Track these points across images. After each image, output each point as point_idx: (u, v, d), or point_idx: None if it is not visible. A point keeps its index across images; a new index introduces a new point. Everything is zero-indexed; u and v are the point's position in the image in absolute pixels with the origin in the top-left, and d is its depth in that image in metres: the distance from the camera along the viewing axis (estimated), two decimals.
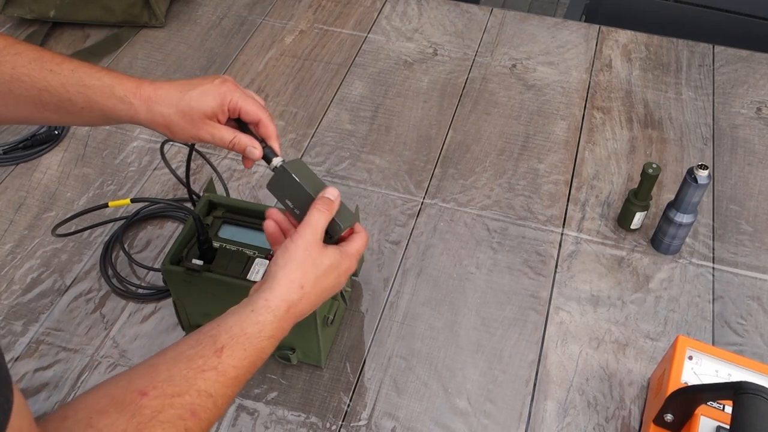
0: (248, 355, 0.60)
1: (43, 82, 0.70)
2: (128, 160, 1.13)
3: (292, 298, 0.64)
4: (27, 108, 0.71)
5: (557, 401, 0.86)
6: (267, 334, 0.62)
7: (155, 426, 0.52)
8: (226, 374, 0.58)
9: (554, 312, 0.95)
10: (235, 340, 0.59)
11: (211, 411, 0.56)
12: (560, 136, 1.18)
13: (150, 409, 0.53)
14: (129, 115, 0.72)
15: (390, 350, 0.91)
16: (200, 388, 0.56)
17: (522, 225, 1.05)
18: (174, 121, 0.72)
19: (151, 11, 1.35)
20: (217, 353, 0.58)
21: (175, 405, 0.54)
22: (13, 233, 1.03)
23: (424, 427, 0.84)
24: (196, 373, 0.56)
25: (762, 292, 0.98)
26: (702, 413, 0.75)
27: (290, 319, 0.65)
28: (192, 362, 0.57)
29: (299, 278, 0.65)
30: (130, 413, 0.52)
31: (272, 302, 0.63)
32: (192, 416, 0.54)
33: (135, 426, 0.51)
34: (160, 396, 0.54)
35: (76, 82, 0.70)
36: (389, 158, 1.14)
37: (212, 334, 0.59)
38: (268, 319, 0.62)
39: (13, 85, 0.69)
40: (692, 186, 0.92)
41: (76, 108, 0.71)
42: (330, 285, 0.68)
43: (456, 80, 1.27)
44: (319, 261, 0.67)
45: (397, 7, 1.42)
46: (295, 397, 0.86)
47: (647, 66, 1.30)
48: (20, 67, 0.69)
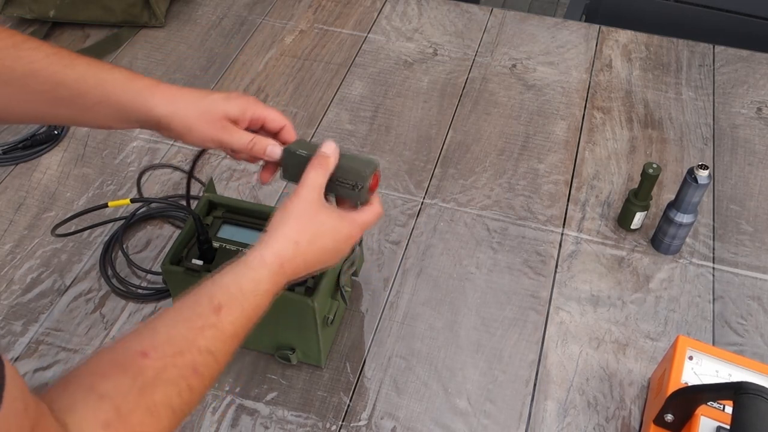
0: (246, 312, 0.60)
1: (59, 75, 0.69)
2: (128, 160, 1.13)
3: (287, 254, 0.64)
4: (41, 104, 0.70)
5: (557, 401, 0.86)
6: (263, 290, 0.62)
7: (158, 385, 0.53)
8: (225, 331, 0.58)
9: (554, 312, 0.95)
10: (232, 298, 0.60)
11: (213, 367, 0.57)
12: (560, 136, 1.18)
13: (152, 370, 0.53)
14: (145, 110, 0.70)
15: (390, 350, 0.91)
16: (200, 346, 0.56)
17: (522, 225, 1.04)
18: (193, 121, 0.71)
19: (151, 11, 1.35)
20: (215, 311, 0.58)
21: (177, 364, 0.55)
22: (12, 233, 1.03)
23: (424, 427, 0.84)
24: (196, 332, 0.57)
25: (762, 292, 0.97)
26: (702, 413, 0.75)
27: (285, 275, 0.65)
28: (191, 322, 0.57)
29: (294, 234, 0.65)
30: (133, 375, 0.52)
31: (267, 258, 0.63)
32: (194, 374, 0.55)
33: (139, 387, 0.52)
34: (162, 356, 0.54)
35: (92, 75, 0.70)
36: (389, 158, 1.14)
37: (209, 293, 0.60)
38: (264, 274, 0.62)
39: (30, 79, 0.68)
40: (692, 186, 0.92)
41: (92, 104, 0.69)
42: (329, 247, 0.67)
43: (456, 80, 1.27)
44: (316, 219, 0.67)
45: (397, 7, 1.42)
46: (295, 397, 0.86)
47: (647, 66, 1.30)
48: (38, 61, 0.68)
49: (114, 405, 0.50)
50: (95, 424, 0.49)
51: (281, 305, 0.80)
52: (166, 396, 0.53)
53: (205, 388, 0.57)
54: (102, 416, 0.49)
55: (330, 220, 0.68)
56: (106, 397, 0.50)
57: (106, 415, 0.50)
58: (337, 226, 0.68)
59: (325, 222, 0.67)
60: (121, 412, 0.50)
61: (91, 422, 0.49)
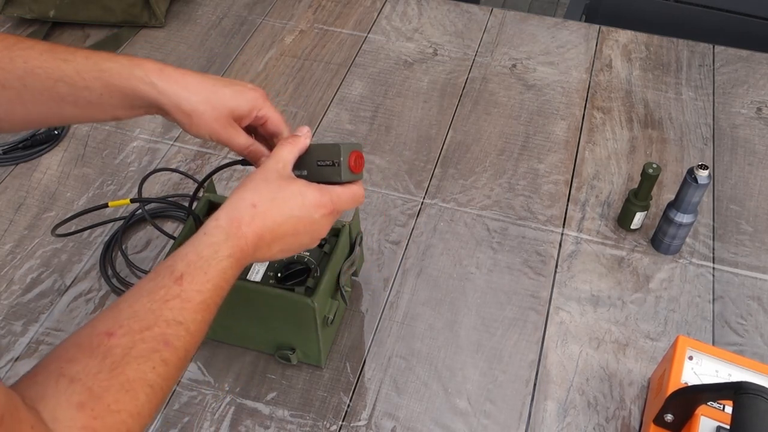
0: (210, 278, 0.58)
1: (57, 72, 0.67)
2: (128, 160, 1.13)
3: (243, 217, 0.62)
4: (44, 104, 0.68)
5: (557, 401, 0.86)
6: (225, 254, 0.60)
7: (129, 362, 0.52)
8: (191, 300, 0.57)
9: (554, 312, 0.95)
10: (192, 266, 0.58)
11: (185, 338, 0.56)
12: (560, 136, 1.18)
13: (120, 348, 0.52)
14: (152, 97, 0.68)
15: (390, 350, 0.91)
16: (168, 318, 0.55)
17: (522, 225, 1.05)
18: (200, 111, 0.69)
19: (151, 11, 1.35)
20: (177, 282, 0.57)
21: (146, 339, 0.53)
22: (13, 233, 1.03)
23: (424, 427, 0.84)
24: (160, 304, 0.55)
25: (762, 292, 0.97)
26: (702, 413, 0.75)
27: (246, 238, 0.62)
28: (153, 295, 0.56)
29: (250, 197, 0.63)
30: (101, 355, 0.51)
31: (222, 221, 0.62)
32: (166, 346, 0.54)
33: (108, 366, 0.51)
34: (128, 333, 0.53)
35: (92, 67, 0.68)
36: (389, 158, 1.14)
37: (168, 264, 0.58)
38: (221, 238, 0.61)
39: (28, 79, 0.66)
40: (692, 186, 0.92)
41: (95, 95, 0.68)
42: (295, 214, 0.65)
43: (456, 80, 1.27)
44: (277, 183, 0.65)
45: (397, 7, 1.42)
46: (295, 397, 0.86)
47: (647, 66, 1.30)
48: (32, 60, 0.67)
49: (86, 386, 0.49)
50: (69, 406, 0.48)
51: (281, 305, 0.81)
52: (140, 371, 0.52)
53: (181, 360, 0.56)
54: (75, 398, 0.49)
55: (294, 186, 0.66)
56: (76, 380, 0.49)
57: (79, 396, 0.49)
58: (302, 191, 0.66)
59: (287, 188, 0.66)
60: (94, 392, 0.49)
61: (65, 406, 0.48)
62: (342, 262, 0.86)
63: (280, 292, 0.80)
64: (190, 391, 0.87)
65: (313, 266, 0.83)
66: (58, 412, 0.48)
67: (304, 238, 0.67)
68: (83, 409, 0.48)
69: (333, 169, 0.70)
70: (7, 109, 0.68)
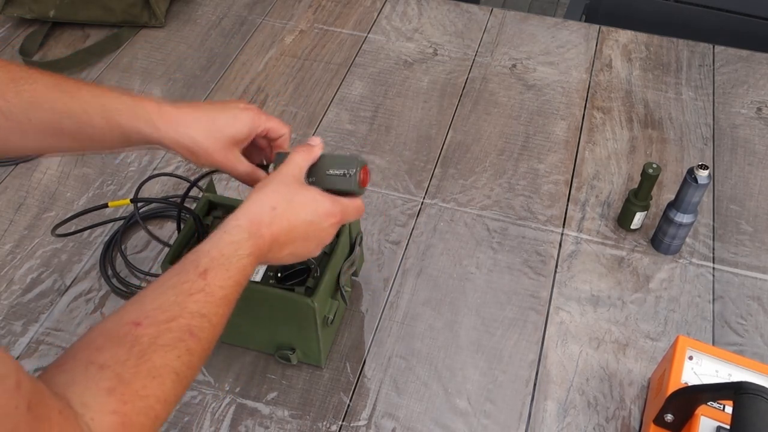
0: (232, 275, 0.61)
1: (63, 107, 0.68)
2: (128, 160, 1.13)
3: (263, 218, 0.65)
4: (44, 137, 0.69)
5: (557, 401, 0.86)
6: (245, 252, 0.63)
7: (156, 350, 0.53)
8: (214, 294, 0.59)
9: (554, 312, 0.95)
10: (215, 262, 0.61)
11: (208, 330, 0.58)
12: (560, 136, 1.18)
13: (147, 337, 0.54)
14: (153, 138, 0.71)
15: (390, 350, 0.91)
16: (192, 310, 0.57)
17: (522, 225, 1.05)
18: (202, 147, 0.72)
19: (151, 11, 1.35)
20: (201, 276, 0.59)
21: (172, 329, 0.55)
22: (13, 233, 1.03)
23: (424, 427, 0.84)
24: (185, 297, 0.57)
25: (762, 292, 0.97)
26: (702, 413, 0.75)
27: (264, 239, 0.65)
28: (178, 288, 0.58)
29: (270, 200, 0.66)
30: (129, 344, 0.53)
31: (242, 221, 0.64)
32: (190, 336, 0.56)
33: (136, 354, 0.52)
34: (154, 323, 0.55)
35: (97, 105, 0.70)
36: (389, 158, 1.14)
37: (192, 260, 0.61)
38: (243, 237, 0.63)
39: (33, 113, 0.68)
40: (692, 186, 0.92)
41: (97, 132, 0.70)
42: (308, 220, 0.68)
43: (456, 80, 1.27)
44: (294, 188, 0.68)
45: (397, 7, 1.42)
46: (295, 397, 0.86)
47: (647, 66, 1.30)
48: (40, 95, 0.68)
49: (115, 372, 0.51)
50: (98, 392, 0.49)
51: (281, 305, 0.81)
52: (166, 359, 0.54)
53: (204, 351, 0.58)
54: (104, 384, 0.50)
55: (309, 193, 0.69)
56: (105, 367, 0.51)
57: (109, 382, 0.50)
58: (317, 198, 0.69)
59: (303, 194, 0.69)
60: (123, 378, 0.51)
61: (94, 391, 0.49)
62: (342, 262, 0.86)
63: (280, 292, 0.80)
64: (190, 391, 0.87)
65: (313, 266, 0.83)
66: (87, 397, 0.49)
67: (312, 245, 0.70)
68: (113, 394, 0.50)
69: (344, 179, 0.72)
70: (3, 138, 0.69)
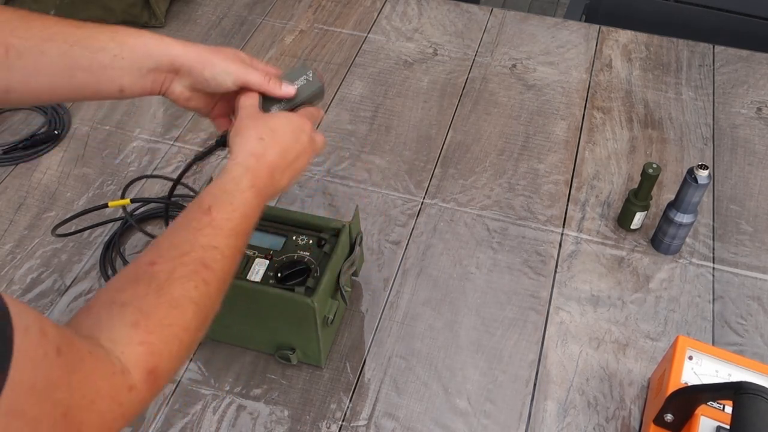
0: (236, 207, 0.64)
1: (73, 36, 0.69)
2: (128, 160, 1.13)
3: (256, 149, 0.68)
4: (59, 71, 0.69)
5: (557, 401, 0.86)
6: (246, 185, 0.66)
7: (173, 283, 0.56)
8: (222, 227, 0.62)
9: (554, 312, 0.95)
10: (218, 199, 0.63)
11: (221, 261, 0.60)
12: (560, 136, 1.18)
13: (164, 272, 0.56)
14: (162, 51, 0.71)
15: (390, 350, 0.91)
16: (203, 244, 0.60)
17: (522, 225, 1.05)
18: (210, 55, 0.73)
19: (151, 11, 1.35)
20: (206, 213, 0.62)
21: (186, 262, 0.58)
22: (13, 233, 1.03)
23: (424, 427, 0.84)
24: (195, 233, 0.60)
25: (762, 292, 0.97)
26: (702, 413, 0.75)
27: (265, 169, 0.68)
28: (187, 226, 0.61)
29: (254, 133, 0.69)
30: (147, 281, 0.56)
31: (238, 157, 0.67)
32: (204, 268, 0.58)
33: (155, 289, 0.55)
34: (169, 260, 0.58)
35: (107, 31, 0.71)
36: (389, 158, 1.14)
37: (197, 201, 0.64)
38: (240, 172, 0.66)
39: (45, 46, 0.68)
40: (692, 186, 0.92)
41: (109, 57, 0.70)
42: (290, 138, 0.71)
43: (456, 80, 1.27)
44: (266, 117, 0.71)
45: (397, 7, 1.42)
46: (295, 397, 0.86)
47: (647, 66, 1.30)
48: (49, 27, 0.69)
49: (136, 307, 0.53)
50: (123, 326, 0.52)
51: (281, 305, 0.81)
52: (184, 290, 0.56)
53: (220, 282, 0.60)
54: (128, 318, 0.52)
55: (280, 115, 0.72)
56: (127, 304, 0.54)
57: (132, 316, 0.53)
58: (288, 117, 0.72)
59: (276, 118, 0.72)
60: (144, 311, 0.53)
61: (119, 327, 0.52)
62: (342, 262, 0.86)
63: (280, 292, 0.80)
64: (190, 391, 0.87)
65: (313, 266, 0.83)
66: (114, 333, 0.51)
67: (303, 160, 0.73)
68: (138, 327, 0.52)
69: (311, 83, 0.77)
70: (20, 78, 0.69)
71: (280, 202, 1.07)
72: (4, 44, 0.66)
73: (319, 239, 0.86)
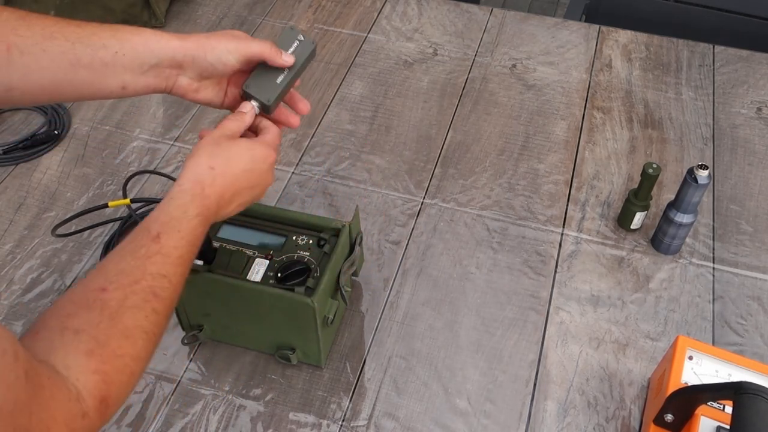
0: (184, 236, 0.64)
1: (74, 35, 0.70)
2: (128, 160, 1.13)
3: (204, 179, 0.67)
4: (60, 68, 0.70)
5: (557, 401, 0.86)
6: (193, 213, 0.65)
7: (125, 312, 0.56)
8: (170, 255, 0.62)
9: (554, 312, 0.95)
10: (166, 226, 0.63)
11: (169, 289, 0.61)
12: (560, 136, 1.18)
13: (115, 300, 0.56)
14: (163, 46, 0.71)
15: (390, 350, 0.91)
16: (153, 272, 0.60)
17: (522, 225, 1.05)
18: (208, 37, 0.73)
19: (151, 11, 1.35)
20: (155, 240, 0.62)
21: (137, 291, 0.58)
22: (13, 233, 1.03)
23: (424, 427, 0.84)
24: (144, 260, 0.60)
25: (762, 292, 0.97)
26: (702, 413, 0.75)
27: (210, 198, 0.67)
28: (135, 253, 0.61)
29: (206, 161, 0.68)
30: (99, 308, 0.55)
31: (185, 185, 0.67)
32: (155, 297, 0.59)
33: (108, 317, 0.55)
34: (119, 287, 0.57)
35: (107, 29, 0.71)
36: (389, 158, 1.14)
37: (144, 227, 0.63)
38: (187, 200, 0.66)
39: (47, 43, 0.68)
40: (692, 186, 0.92)
41: (110, 54, 0.70)
42: (248, 168, 0.70)
43: (456, 80, 1.27)
44: (225, 145, 0.70)
45: (397, 7, 1.42)
46: (295, 397, 0.86)
47: (647, 66, 1.30)
48: (51, 26, 0.69)
49: (91, 335, 0.54)
50: (78, 354, 0.52)
51: (281, 305, 0.81)
52: (136, 319, 0.57)
53: (168, 309, 0.61)
54: (83, 346, 0.53)
55: (242, 143, 0.71)
56: (80, 331, 0.54)
57: (87, 345, 0.53)
58: (250, 146, 0.72)
59: (236, 147, 0.71)
60: (99, 340, 0.54)
61: (74, 354, 0.52)
62: (342, 262, 0.86)
63: (280, 292, 0.80)
64: (190, 391, 0.87)
65: (313, 266, 0.83)
66: (68, 360, 0.51)
67: (257, 190, 0.73)
68: (92, 356, 0.53)
69: (304, 44, 0.76)
70: (22, 76, 0.69)
71: (280, 202, 1.08)
72: (6, 42, 0.67)
73: (319, 239, 0.86)
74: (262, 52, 0.73)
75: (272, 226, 0.88)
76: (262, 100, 0.75)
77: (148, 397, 0.86)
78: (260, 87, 0.75)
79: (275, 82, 0.75)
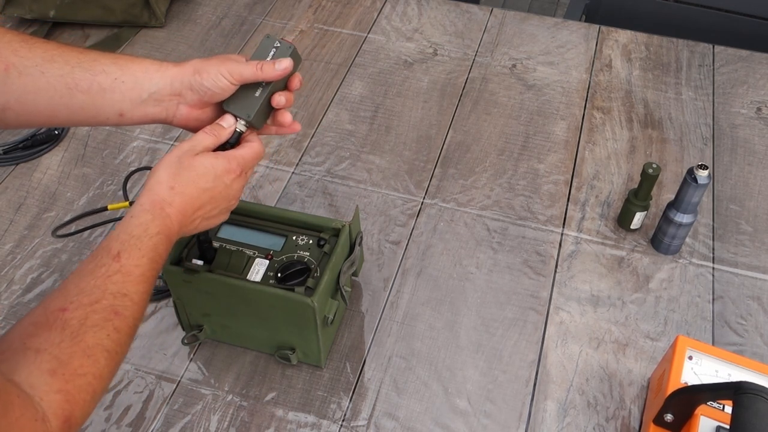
0: (145, 253, 0.64)
1: (75, 60, 0.70)
2: (128, 160, 1.13)
3: (164, 199, 0.67)
4: (58, 92, 0.70)
5: (557, 401, 0.86)
6: (154, 231, 0.65)
7: (87, 331, 0.57)
8: (131, 273, 0.62)
9: (554, 312, 0.95)
10: (126, 244, 0.63)
11: (131, 308, 0.61)
12: (560, 136, 1.18)
13: (76, 320, 0.57)
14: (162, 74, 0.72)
15: (390, 350, 0.91)
16: (113, 291, 0.60)
17: (522, 225, 1.05)
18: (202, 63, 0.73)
19: (151, 11, 1.35)
20: (115, 259, 0.62)
21: (97, 310, 0.58)
22: (13, 233, 1.03)
23: (424, 427, 0.84)
24: (104, 280, 0.60)
25: (762, 292, 0.98)
26: (702, 413, 0.75)
27: (171, 217, 0.67)
28: (96, 272, 0.61)
29: (167, 179, 0.68)
30: (60, 327, 0.56)
31: (145, 204, 0.67)
32: (116, 316, 0.59)
33: (69, 336, 0.55)
34: (80, 307, 0.58)
35: (108, 56, 0.72)
36: (389, 158, 1.14)
37: (104, 246, 0.63)
38: (148, 219, 0.66)
39: (46, 66, 0.69)
40: (692, 186, 0.92)
41: (109, 80, 0.70)
42: (210, 186, 0.70)
43: (456, 80, 1.27)
44: (188, 163, 0.69)
45: (397, 7, 1.42)
46: (295, 397, 0.86)
47: (647, 66, 1.30)
48: (52, 50, 0.70)
49: (53, 355, 0.54)
50: (41, 374, 0.52)
51: (281, 305, 0.81)
52: (97, 338, 0.57)
53: (130, 328, 0.61)
54: (45, 366, 0.53)
55: (204, 160, 0.70)
56: (42, 350, 0.54)
57: (49, 364, 0.53)
58: (213, 163, 0.70)
59: (198, 164, 0.70)
60: (61, 360, 0.54)
61: (37, 374, 0.52)
62: (342, 262, 0.86)
63: (280, 292, 0.80)
64: (190, 391, 0.87)
65: (313, 266, 0.83)
66: (32, 379, 0.52)
67: (222, 204, 0.72)
68: (55, 375, 0.53)
69: (282, 49, 0.75)
70: (18, 97, 0.69)
71: (280, 202, 1.08)
72: (5, 62, 0.67)
73: (319, 239, 0.86)
74: (254, 76, 0.73)
75: (272, 226, 0.88)
76: (242, 116, 0.74)
77: (148, 397, 0.86)
78: (239, 103, 0.74)
79: (254, 96, 0.74)
